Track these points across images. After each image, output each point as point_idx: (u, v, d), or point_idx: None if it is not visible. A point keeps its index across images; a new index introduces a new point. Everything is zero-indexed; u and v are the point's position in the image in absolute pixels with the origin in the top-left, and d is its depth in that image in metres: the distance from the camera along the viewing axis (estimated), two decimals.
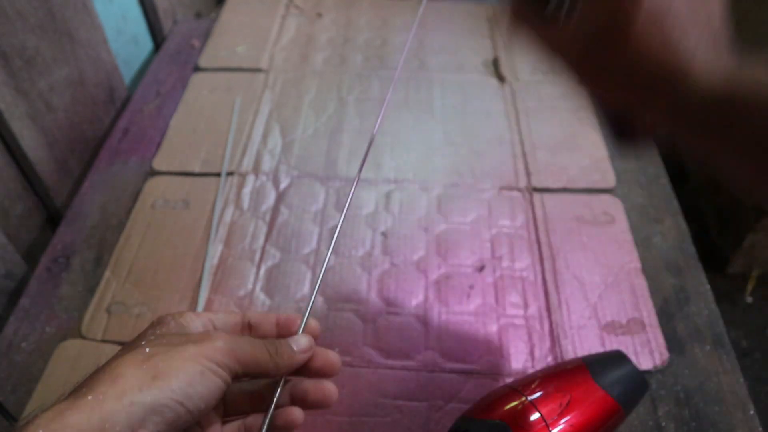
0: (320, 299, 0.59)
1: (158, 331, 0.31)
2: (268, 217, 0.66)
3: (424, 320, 0.58)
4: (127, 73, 0.89)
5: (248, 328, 0.35)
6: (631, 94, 0.29)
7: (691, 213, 0.73)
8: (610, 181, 0.70)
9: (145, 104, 0.82)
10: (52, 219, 0.72)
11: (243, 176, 0.71)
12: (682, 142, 0.29)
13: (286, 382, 0.34)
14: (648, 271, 0.62)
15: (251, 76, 0.85)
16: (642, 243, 0.64)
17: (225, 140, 0.75)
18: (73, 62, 0.73)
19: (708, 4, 0.27)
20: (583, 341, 0.56)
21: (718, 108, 0.26)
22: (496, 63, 0.86)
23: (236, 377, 0.30)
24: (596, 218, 0.66)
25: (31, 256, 0.67)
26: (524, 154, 0.73)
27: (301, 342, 0.34)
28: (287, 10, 0.98)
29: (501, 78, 0.84)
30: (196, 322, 0.33)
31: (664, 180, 0.72)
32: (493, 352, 0.55)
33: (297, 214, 0.67)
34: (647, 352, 0.55)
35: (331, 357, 0.35)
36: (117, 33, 0.86)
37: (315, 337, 0.35)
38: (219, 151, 0.73)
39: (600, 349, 0.55)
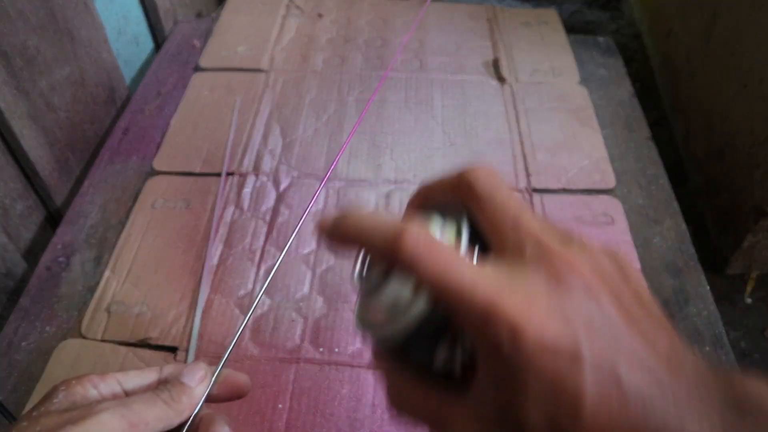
0: (320, 299, 0.59)
1: (42, 408, 0.27)
2: (268, 217, 0.66)
3: None
4: (128, 73, 0.89)
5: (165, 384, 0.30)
6: None
7: (691, 214, 0.73)
8: (609, 182, 0.70)
9: (145, 104, 0.82)
10: (53, 218, 0.72)
11: (243, 176, 0.71)
12: None
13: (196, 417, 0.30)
14: (647, 271, 0.62)
15: (252, 76, 0.85)
16: (641, 244, 0.64)
17: (225, 140, 0.75)
18: (74, 62, 0.73)
19: (659, 336, 0.20)
20: None
21: None
22: (496, 64, 0.86)
23: None
24: (596, 219, 0.66)
25: (32, 255, 0.67)
26: (524, 155, 0.73)
27: (195, 373, 0.29)
28: (288, 11, 0.98)
29: (501, 79, 0.84)
30: (99, 388, 0.28)
31: (664, 181, 0.72)
32: None
33: (297, 214, 0.67)
34: None
35: (239, 379, 0.31)
36: (118, 33, 0.86)
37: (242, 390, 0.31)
38: (219, 151, 0.73)
39: None
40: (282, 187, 0.70)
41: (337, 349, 0.55)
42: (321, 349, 0.55)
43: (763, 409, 0.18)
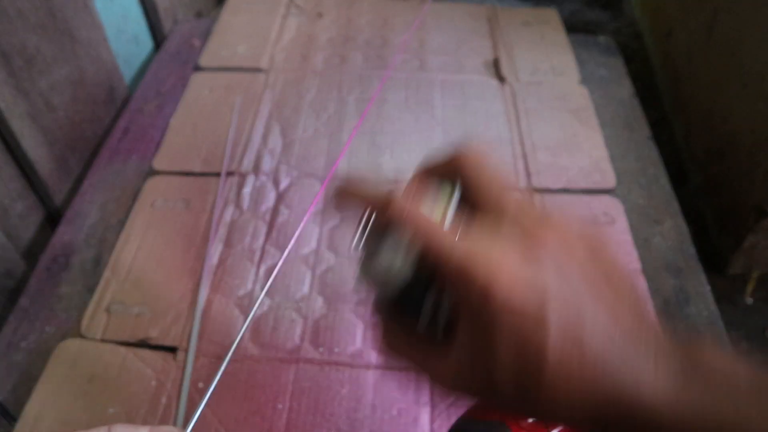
0: (320, 299, 0.59)
1: None
2: (268, 217, 0.66)
3: None
4: (128, 73, 0.89)
5: None
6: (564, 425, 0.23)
7: (691, 214, 0.73)
8: (610, 181, 0.70)
9: (145, 104, 0.82)
10: (52, 218, 0.72)
11: (243, 176, 0.71)
12: None
13: None
14: (648, 271, 0.61)
15: (251, 76, 0.85)
16: (642, 244, 0.64)
17: (225, 140, 0.75)
18: (74, 61, 0.73)
19: (624, 305, 0.22)
20: None
21: (687, 421, 0.20)
22: (496, 63, 0.86)
23: None
24: (596, 219, 0.66)
25: (31, 255, 0.67)
26: (524, 155, 0.73)
27: None
28: (288, 10, 0.98)
29: (501, 78, 0.84)
30: None
31: (664, 181, 0.72)
32: None
33: (297, 214, 0.67)
34: None
35: None
36: (117, 32, 0.86)
37: None
38: (219, 151, 0.73)
39: None
40: (282, 186, 0.70)
41: (337, 349, 0.55)
42: (321, 349, 0.55)
43: (713, 369, 0.21)
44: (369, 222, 0.25)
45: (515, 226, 0.22)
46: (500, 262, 0.21)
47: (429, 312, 0.24)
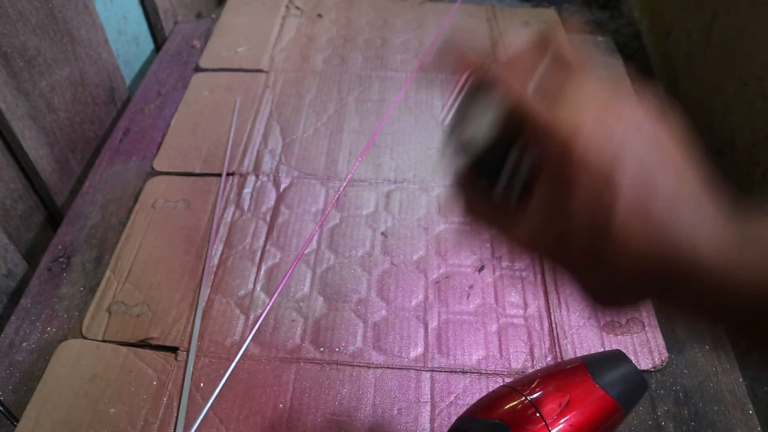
0: (320, 299, 0.59)
1: None
2: (268, 217, 0.67)
3: (424, 320, 0.58)
4: (128, 74, 0.89)
5: None
6: (624, 286, 0.25)
7: None
8: None
9: (145, 104, 0.82)
10: (53, 219, 0.73)
11: (243, 176, 0.71)
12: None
13: None
14: None
15: (252, 76, 0.85)
16: None
17: (225, 140, 0.75)
18: (74, 62, 0.73)
19: (688, 174, 0.24)
20: (583, 341, 0.56)
21: (740, 281, 0.22)
22: None
23: None
24: None
25: (32, 255, 0.67)
26: None
27: None
28: (287, 11, 0.98)
29: None
30: None
31: None
32: (492, 352, 0.55)
33: (297, 214, 0.67)
34: (646, 352, 0.55)
35: None
36: (118, 33, 0.86)
37: None
38: (219, 151, 0.73)
39: (599, 349, 0.55)
40: (282, 187, 0.70)
41: (337, 349, 0.55)
42: (321, 349, 0.55)
43: (765, 235, 0.23)
44: (465, 85, 0.27)
45: (595, 98, 0.24)
46: (580, 123, 0.23)
47: (510, 170, 0.26)
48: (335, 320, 0.58)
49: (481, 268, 0.62)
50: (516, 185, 0.26)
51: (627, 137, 0.23)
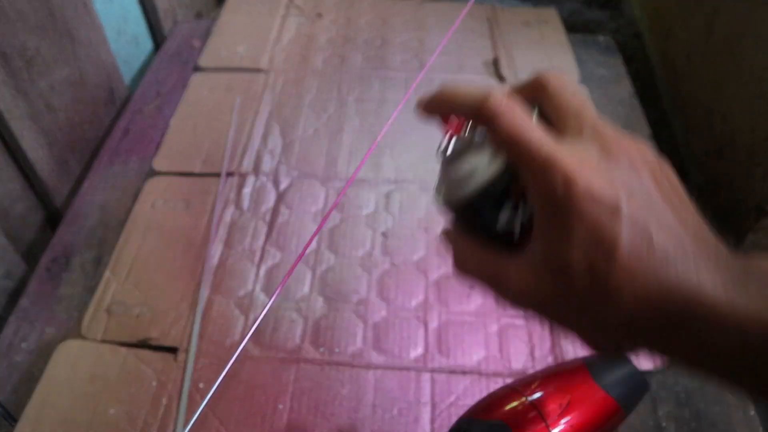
0: (320, 299, 0.59)
1: None
2: (268, 218, 0.66)
3: (424, 320, 0.58)
4: (128, 73, 0.89)
5: None
6: (625, 338, 0.24)
7: None
8: None
9: (145, 104, 0.82)
10: (52, 219, 0.72)
11: (243, 176, 0.71)
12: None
13: None
14: None
15: (251, 76, 0.85)
16: None
17: (225, 140, 0.75)
18: (74, 62, 0.73)
19: (691, 209, 0.24)
20: None
21: (745, 318, 0.21)
22: (496, 63, 0.86)
23: None
24: None
25: (31, 256, 0.67)
26: None
27: None
28: (287, 11, 0.98)
29: (501, 78, 0.84)
30: None
31: None
32: (493, 353, 0.55)
33: (297, 214, 0.67)
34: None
35: None
36: (117, 33, 0.86)
37: None
38: (219, 151, 0.73)
39: None
40: (282, 187, 0.70)
41: (337, 350, 0.55)
42: (321, 350, 0.55)
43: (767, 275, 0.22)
44: (462, 127, 0.26)
45: (594, 134, 0.24)
46: (582, 159, 0.23)
47: (507, 215, 0.25)
48: (335, 321, 0.57)
49: None
50: (516, 222, 0.25)
51: (632, 171, 0.23)
